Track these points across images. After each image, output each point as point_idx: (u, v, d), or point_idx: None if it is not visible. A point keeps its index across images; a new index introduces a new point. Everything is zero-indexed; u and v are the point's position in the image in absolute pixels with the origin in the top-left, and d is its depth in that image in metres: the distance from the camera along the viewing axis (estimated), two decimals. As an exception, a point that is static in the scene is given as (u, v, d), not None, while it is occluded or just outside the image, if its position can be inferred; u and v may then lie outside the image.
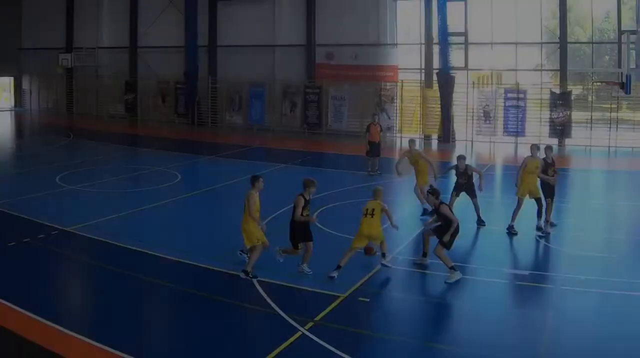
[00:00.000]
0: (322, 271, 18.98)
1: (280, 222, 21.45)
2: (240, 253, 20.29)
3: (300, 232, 19.21)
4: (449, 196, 24.95)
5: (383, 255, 19.79)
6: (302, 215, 18.89)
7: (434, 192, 19.90)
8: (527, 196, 24.09)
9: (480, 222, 25.07)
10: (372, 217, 19.10)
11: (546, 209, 24.07)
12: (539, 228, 23.91)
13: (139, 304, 17.68)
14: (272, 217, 23.21)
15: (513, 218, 23.90)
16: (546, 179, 24.34)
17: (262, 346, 14.65)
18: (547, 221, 24.02)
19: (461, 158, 25.43)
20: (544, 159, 24.65)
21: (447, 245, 19.19)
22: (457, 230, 19.39)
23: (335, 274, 18.80)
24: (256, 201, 18.98)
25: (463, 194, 25.24)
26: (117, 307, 17.13)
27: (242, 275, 18.86)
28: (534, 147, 24.73)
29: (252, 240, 18.93)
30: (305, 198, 19.06)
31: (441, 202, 19.80)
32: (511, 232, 23.77)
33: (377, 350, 14.94)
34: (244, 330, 15.96)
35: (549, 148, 25.28)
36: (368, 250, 19.34)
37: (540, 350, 14.66)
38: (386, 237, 19.83)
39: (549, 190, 24.35)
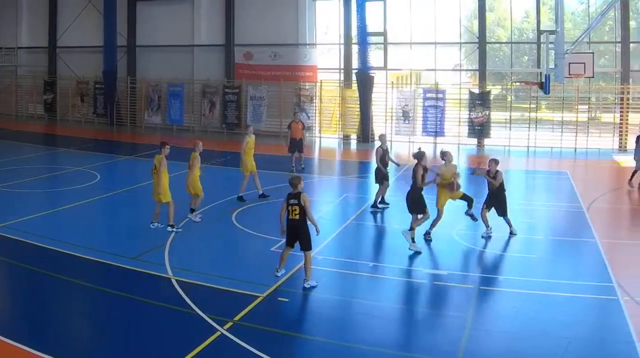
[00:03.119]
0: (241, 271, 19.25)
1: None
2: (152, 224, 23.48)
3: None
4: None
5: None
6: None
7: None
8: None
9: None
10: None
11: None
12: (469, 214, 22.90)
13: (56, 304, 16.92)
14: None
15: (432, 227, 22.50)
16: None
17: (181, 346, 14.15)
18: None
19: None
20: (487, 171, 23.00)
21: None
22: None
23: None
24: (164, 163, 22.93)
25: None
26: (34, 307, 16.52)
27: (169, 228, 23.02)
28: (448, 154, 22.62)
29: (168, 197, 23.03)
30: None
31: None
32: (427, 238, 22.42)
33: (297, 350, 14.78)
34: (162, 330, 15.32)
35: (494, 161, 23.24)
36: None
37: (458, 350, 14.31)
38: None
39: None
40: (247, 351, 13.96)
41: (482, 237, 22.55)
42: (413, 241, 21.15)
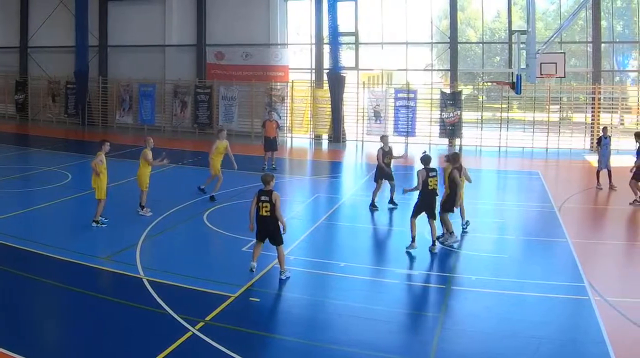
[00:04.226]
0: (213, 271, 19.35)
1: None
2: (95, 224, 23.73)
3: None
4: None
5: None
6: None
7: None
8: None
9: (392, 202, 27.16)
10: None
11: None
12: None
13: (27, 304, 16.82)
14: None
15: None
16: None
17: (152, 346, 14.09)
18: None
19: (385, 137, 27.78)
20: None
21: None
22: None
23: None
24: (102, 160, 23.39)
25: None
26: (5, 307, 16.45)
27: (94, 224, 23.58)
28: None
29: (102, 195, 23.55)
30: None
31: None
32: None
33: (268, 350, 14.71)
34: (133, 330, 15.22)
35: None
36: None
37: (430, 350, 14.29)
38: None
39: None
40: (219, 351, 13.90)
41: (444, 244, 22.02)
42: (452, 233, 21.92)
